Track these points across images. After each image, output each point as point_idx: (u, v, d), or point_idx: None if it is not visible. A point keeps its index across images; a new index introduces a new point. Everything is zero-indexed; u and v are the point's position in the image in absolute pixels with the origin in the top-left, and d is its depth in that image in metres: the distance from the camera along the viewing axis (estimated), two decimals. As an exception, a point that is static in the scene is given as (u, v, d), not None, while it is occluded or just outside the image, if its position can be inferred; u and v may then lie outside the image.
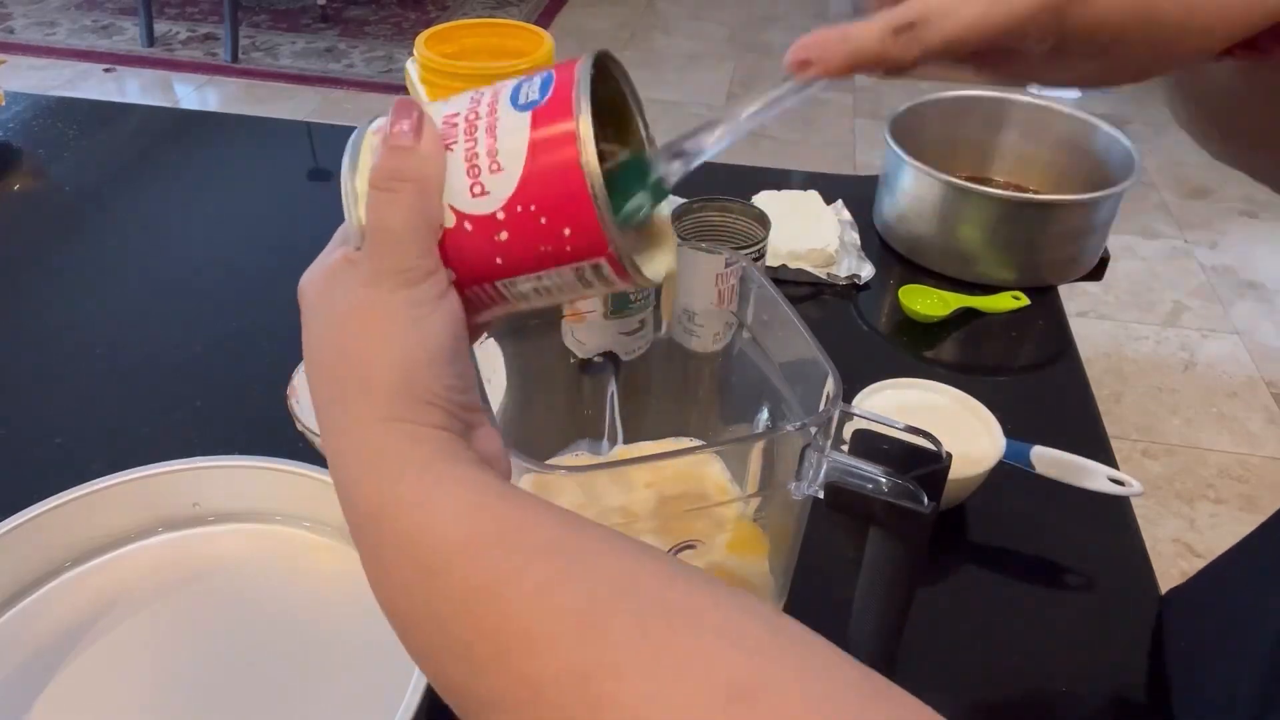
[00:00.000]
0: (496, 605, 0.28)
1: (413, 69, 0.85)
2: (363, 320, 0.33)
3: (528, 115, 0.34)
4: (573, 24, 3.50)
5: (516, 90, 0.35)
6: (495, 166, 0.34)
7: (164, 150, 1.13)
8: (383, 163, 0.34)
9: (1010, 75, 0.38)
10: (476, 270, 0.35)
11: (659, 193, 0.38)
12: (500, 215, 0.34)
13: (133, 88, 3.02)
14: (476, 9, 3.54)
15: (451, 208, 0.34)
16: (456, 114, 0.35)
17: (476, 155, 0.34)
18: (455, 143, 0.35)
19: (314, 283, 0.35)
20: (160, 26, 3.29)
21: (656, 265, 0.37)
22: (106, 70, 3.07)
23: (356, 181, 0.35)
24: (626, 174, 0.37)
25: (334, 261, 0.35)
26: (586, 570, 0.29)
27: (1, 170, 1.07)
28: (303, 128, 1.24)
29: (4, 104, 1.13)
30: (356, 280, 0.34)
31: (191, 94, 2.97)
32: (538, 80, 0.35)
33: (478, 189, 0.34)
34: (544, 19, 3.49)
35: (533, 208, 0.34)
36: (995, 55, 0.36)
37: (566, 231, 0.34)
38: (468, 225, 0.34)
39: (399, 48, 3.23)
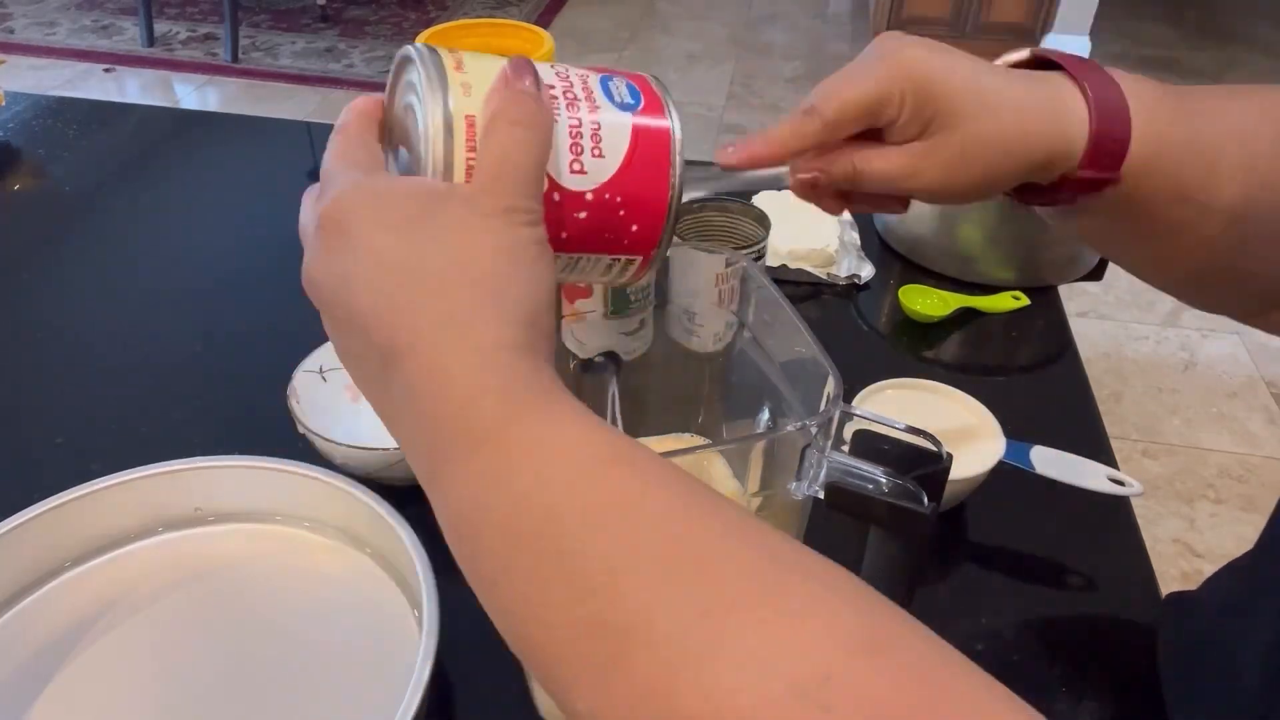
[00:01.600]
0: (623, 524, 0.28)
1: (413, 69, 0.84)
2: (495, 248, 0.33)
3: (629, 115, 0.36)
4: (573, 24, 3.50)
5: (606, 87, 0.37)
6: (597, 151, 0.35)
7: (164, 150, 1.13)
8: (518, 103, 0.34)
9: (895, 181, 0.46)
10: None
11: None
12: (589, 196, 0.36)
13: (133, 88, 3.02)
14: (476, 9, 3.54)
15: (548, 175, 0.35)
16: (552, 86, 0.36)
17: (580, 135, 0.35)
18: (558, 114, 0.35)
19: (387, 204, 0.33)
20: (160, 26, 3.29)
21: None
22: (106, 70, 3.07)
23: (450, 108, 0.34)
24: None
25: (411, 186, 0.34)
26: (698, 507, 0.29)
27: (1, 170, 1.07)
28: (303, 128, 1.24)
29: (4, 104, 1.13)
30: (472, 210, 0.33)
31: (191, 94, 2.97)
32: (624, 85, 0.37)
33: (577, 166, 0.35)
34: (544, 19, 3.49)
35: (619, 199, 0.36)
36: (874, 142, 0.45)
37: (634, 228, 0.37)
38: (556, 196, 0.35)
39: (399, 48, 3.23)
